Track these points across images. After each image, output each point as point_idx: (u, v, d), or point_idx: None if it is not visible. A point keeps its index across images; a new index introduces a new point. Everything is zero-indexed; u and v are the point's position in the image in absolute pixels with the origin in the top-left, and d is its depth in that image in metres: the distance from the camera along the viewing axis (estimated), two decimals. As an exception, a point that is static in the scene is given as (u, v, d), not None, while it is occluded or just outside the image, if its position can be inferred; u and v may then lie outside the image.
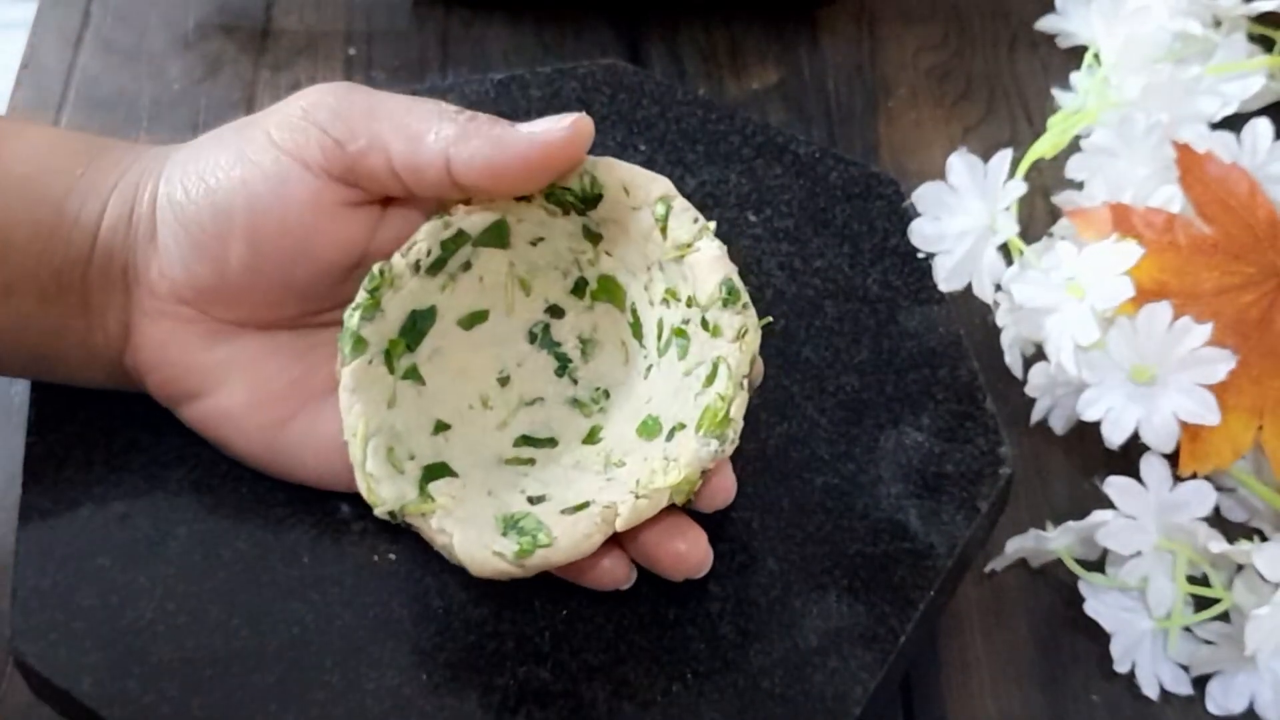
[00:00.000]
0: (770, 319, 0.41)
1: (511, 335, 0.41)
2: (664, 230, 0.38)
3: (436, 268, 0.39)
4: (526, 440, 0.40)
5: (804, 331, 0.44)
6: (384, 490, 0.37)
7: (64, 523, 0.40)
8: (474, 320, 0.40)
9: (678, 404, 0.38)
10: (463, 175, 0.37)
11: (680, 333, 0.39)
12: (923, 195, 0.48)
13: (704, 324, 0.38)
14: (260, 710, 0.37)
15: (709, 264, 0.37)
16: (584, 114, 0.38)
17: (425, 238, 0.38)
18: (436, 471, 0.38)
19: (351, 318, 0.38)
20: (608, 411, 0.40)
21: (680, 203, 0.38)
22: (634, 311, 0.40)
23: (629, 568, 0.38)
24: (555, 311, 0.41)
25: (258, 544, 0.40)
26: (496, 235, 0.39)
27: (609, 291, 0.40)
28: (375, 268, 0.38)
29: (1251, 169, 0.50)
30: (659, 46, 0.61)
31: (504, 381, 0.40)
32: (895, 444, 0.42)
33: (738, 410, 0.36)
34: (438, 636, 0.38)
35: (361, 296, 0.38)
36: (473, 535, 0.36)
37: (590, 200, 0.38)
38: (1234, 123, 0.53)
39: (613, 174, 0.38)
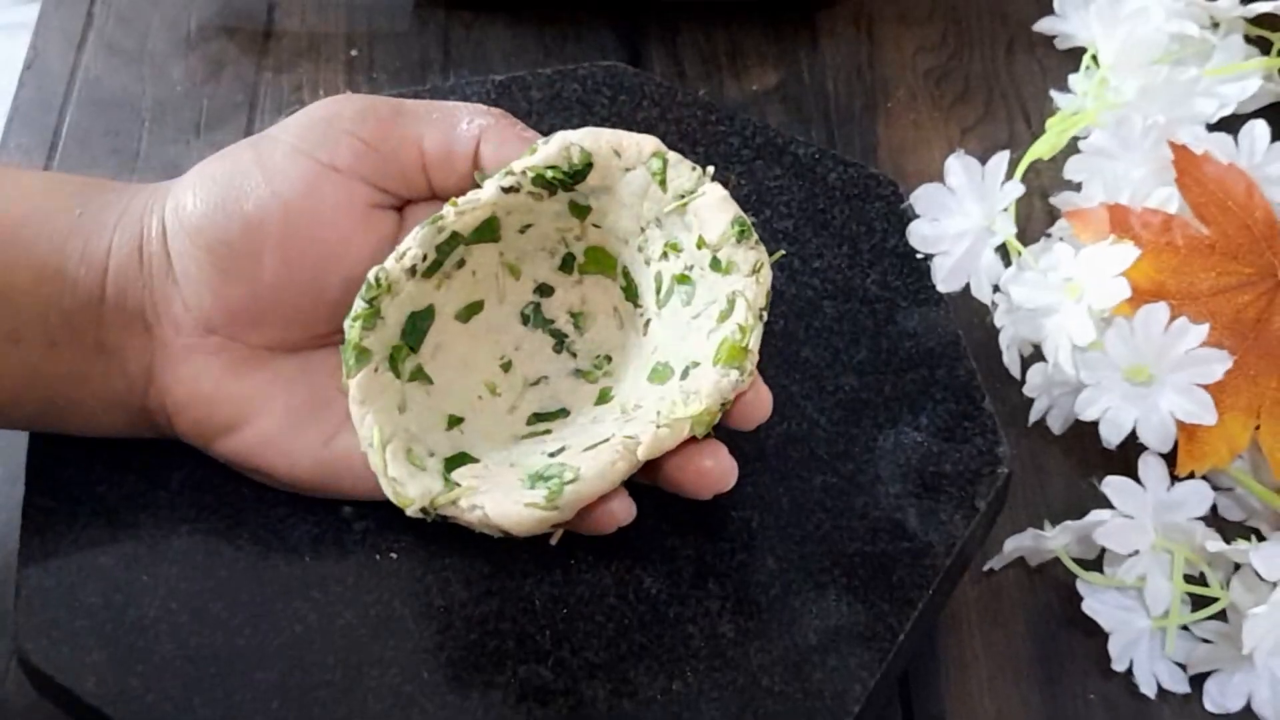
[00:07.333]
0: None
1: (506, 320, 0.41)
2: (663, 184, 0.39)
3: (432, 270, 0.39)
4: (538, 418, 0.40)
5: (803, 332, 0.45)
6: (410, 490, 0.37)
7: (66, 521, 0.40)
8: (470, 312, 0.40)
9: (688, 346, 0.38)
10: (491, 166, 0.39)
11: (683, 279, 0.39)
12: (921, 196, 0.49)
13: (715, 264, 0.38)
14: (262, 708, 0.37)
15: (717, 205, 0.38)
16: None
17: (419, 244, 0.38)
18: (457, 461, 0.38)
19: (352, 329, 0.37)
20: (614, 374, 0.41)
21: (674, 155, 0.39)
22: (626, 275, 0.41)
23: (631, 504, 0.37)
24: (544, 290, 0.41)
25: (260, 542, 0.40)
26: (488, 230, 0.39)
27: (598, 262, 0.41)
28: (371, 276, 0.38)
29: (1249, 170, 0.50)
30: (659, 48, 0.61)
31: (507, 366, 0.41)
32: (894, 443, 0.42)
33: (755, 342, 0.37)
34: (439, 635, 0.39)
35: (360, 306, 0.37)
36: (501, 498, 0.36)
37: (579, 173, 0.39)
38: (1231, 124, 0.53)
39: (600, 140, 0.39)
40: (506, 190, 0.39)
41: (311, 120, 0.39)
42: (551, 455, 0.38)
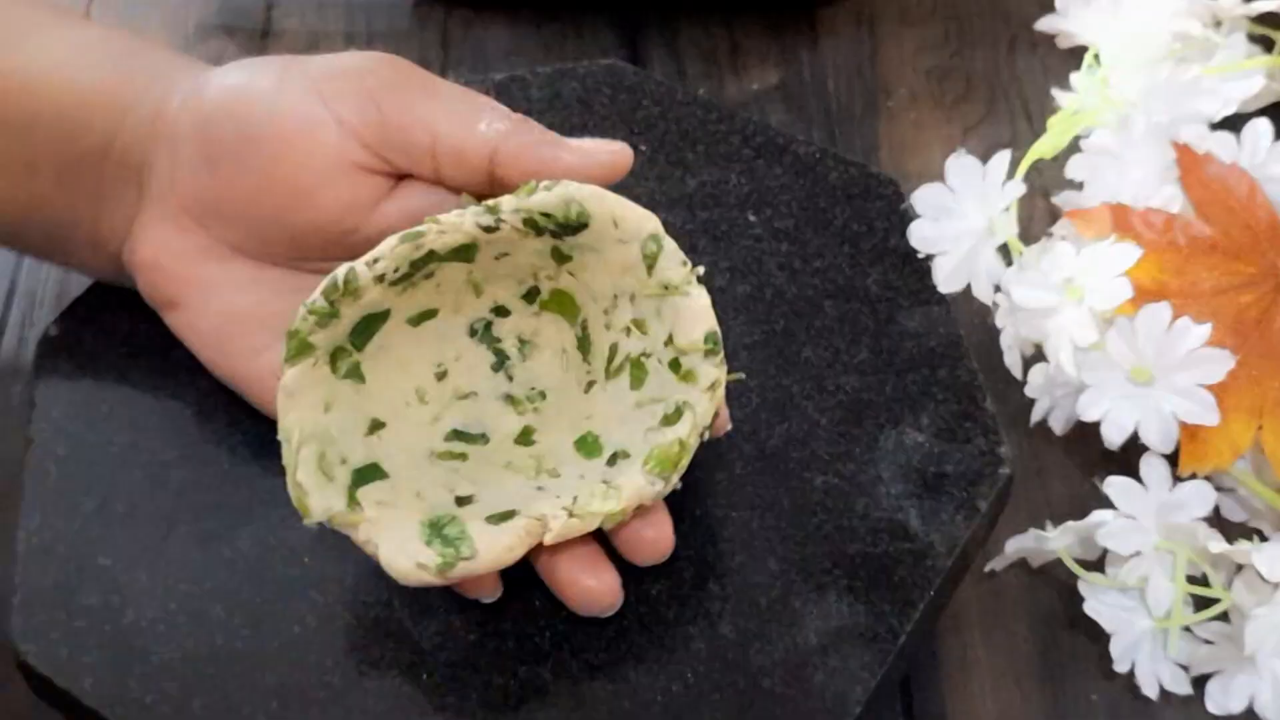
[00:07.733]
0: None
1: (454, 331, 0.40)
2: (650, 268, 0.38)
3: (400, 281, 0.38)
4: (458, 435, 0.40)
5: (804, 331, 0.44)
6: (313, 501, 0.36)
7: (65, 522, 0.40)
8: (423, 317, 0.40)
9: (624, 431, 0.38)
10: (505, 171, 0.38)
11: (638, 364, 0.39)
12: (922, 196, 0.48)
13: (674, 365, 0.38)
14: (261, 709, 0.37)
15: (697, 312, 0.37)
16: (626, 145, 0.39)
17: (395, 259, 0.37)
18: (367, 475, 0.37)
19: (305, 321, 0.36)
20: (543, 414, 0.40)
21: (670, 243, 0.38)
22: (584, 328, 0.40)
23: (618, 591, 0.38)
24: (500, 311, 0.41)
25: (259, 543, 0.40)
26: (465, 253, 0.38)
27: (560, 305, 0.40)
28: (339, 277, 0.36)
29: (1251, 169, 0.50)
30: (659, 47, 0.61)
31: (441, 375, 0.40)
32: (895, 444, 0.42)
33: (687, 461, 0.37)
34: (438, 636, 0.38)
35: (318, 302, 0.36)
36: (397, 546, 0.36)
37: (572, 228, 0.38)
38: (1234, 123, 0.53)
39: (604, 205, 0.37)
40: (486, 229, 0.37)
41: (343, 68, 0.40)
42: (459, 501, 0.38)
